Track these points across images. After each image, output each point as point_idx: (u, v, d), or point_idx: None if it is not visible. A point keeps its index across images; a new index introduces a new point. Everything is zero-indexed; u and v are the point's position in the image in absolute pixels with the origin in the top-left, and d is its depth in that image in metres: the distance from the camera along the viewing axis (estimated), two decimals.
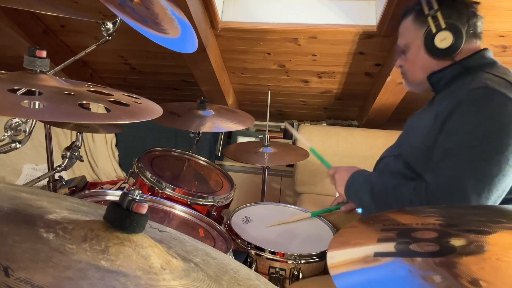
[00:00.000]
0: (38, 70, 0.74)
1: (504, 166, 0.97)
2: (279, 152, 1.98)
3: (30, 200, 0.57)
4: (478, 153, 0.99)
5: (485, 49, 1.15)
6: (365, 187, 1.18)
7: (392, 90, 2.35)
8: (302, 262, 1.29)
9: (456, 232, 0.52)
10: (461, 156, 1.01)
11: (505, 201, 1.02)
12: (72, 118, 0.71)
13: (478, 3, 1.15)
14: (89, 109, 0.68)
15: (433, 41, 1.13)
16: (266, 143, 1.96)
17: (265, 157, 1.93)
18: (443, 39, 1.12)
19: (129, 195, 0.52)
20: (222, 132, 2.98)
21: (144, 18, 1.13)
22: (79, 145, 1.27)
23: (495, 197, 0.99)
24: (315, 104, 2.93)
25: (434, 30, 1.12)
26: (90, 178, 2.79)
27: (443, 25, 1.11)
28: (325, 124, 3.02)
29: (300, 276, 1.29)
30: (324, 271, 1.36)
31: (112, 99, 0.73)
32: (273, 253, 1.30)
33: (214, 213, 1.54)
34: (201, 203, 1.52)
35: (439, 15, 1.12)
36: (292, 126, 3.05)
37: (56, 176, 1.33)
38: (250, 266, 1.31)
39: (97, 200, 1.25)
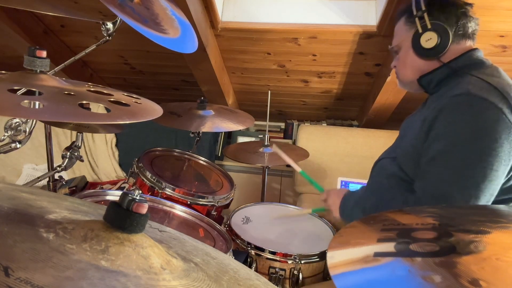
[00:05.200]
0: (38, 70, 0.74)
1: (489, 171, 0.96)
2: None
3: (30, 200, 0.57)
4: (462, 160, 0.99)
5: (475, 49, 1.14)
6: (357, 209, 1.20)
7: (392, 90, 2.35)
8: (302, 262, 1.29)
9: (456, 232, 0.52)
10: (445, 163, 1.01)
11: (494, 203, 1.02)
12: (72, 118, 0.71)
13: (470, 4, 1.15)
14: (89, 109, 0.68)
15: (419, 41, 1.14)
16: (266, 143, 1.96)
17: (265, 157, 1.93)
18: (429, 39, 1.13)
19: (129, 195, 0.52)
20: (222, 132, 2.98)
21: (144, 18, 1.13)
22: (79, 145, 1.27)
23: (483, 203, 0.99)
24: (315, 104, 2.93)
25: (420, 30, 1.14)
26: (90, 178, 2.79)
27: (428, 26, 1.13)
28: (325, 124, 3.02)
29: (300, 276, 1.29)
30: (324, 271, 1.36)
31: (112, 99, 0.73)
32: (273, 253, 1.30)
33: (214, 213, 1.54)
34: (201, 203, 1.52)
35: (425, 16, 1.13)
36: (292, 126, 3.05)
37: (56, 176, 1.33)
38: (250, 266, 1.31)
39: (97, 200, 1.25)
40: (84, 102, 0.67)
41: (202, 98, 1.80)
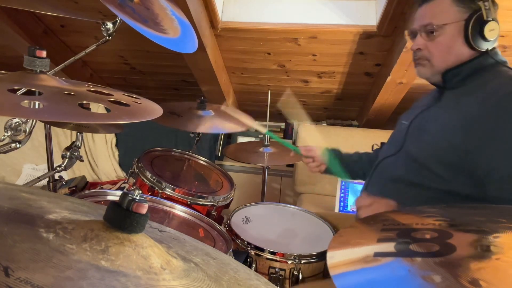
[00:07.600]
0: (38, 70, 0.74)
1: None
2: (279, 151, 1.98)
3: (30, 200, 0.57)
4: None
5: (495, 47, 1.12)
6: None
7: (392, 90, 2.35)
8: (302, 262, 1.29)
9: (456, 232, 0.52)
10: None
11: None
12: (72, 118, 0.71)
13: None
14: (89, 109, 0.68)
15: (481, 29, 1.03)
16: (266, 143, 1.97)
17: (265, 156, 1.93)
18: (492, 30, 1.04)
19: (129, 195, 0.52)
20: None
21: (144, 18, 1.13)
22: (79, 145, 1.27)
23: None
24: (315, 104, 2.93)
25: (485, 17, 1.04)
26: (90, 178, 2.79)
27: (493, 14, 1.04)
28: (325, 124, 3.02)
29: (300, 276, 1.29)
30: (324, 271, 1.36)
31: (112, 99, 0.73)
32: (273, 253, 1.30)
33: (214, 213, 1.54)
34: (201, 203, 1.52)
35: (490, 3, 1.04)
36: (292, 126, 3.04)
37: (56, 176, 1.33)
38: (250, 266, 1.31)
39: (97, 200, 1.25)
40: (84, 102, 0.67)
41: (202, 98, 1.80)
